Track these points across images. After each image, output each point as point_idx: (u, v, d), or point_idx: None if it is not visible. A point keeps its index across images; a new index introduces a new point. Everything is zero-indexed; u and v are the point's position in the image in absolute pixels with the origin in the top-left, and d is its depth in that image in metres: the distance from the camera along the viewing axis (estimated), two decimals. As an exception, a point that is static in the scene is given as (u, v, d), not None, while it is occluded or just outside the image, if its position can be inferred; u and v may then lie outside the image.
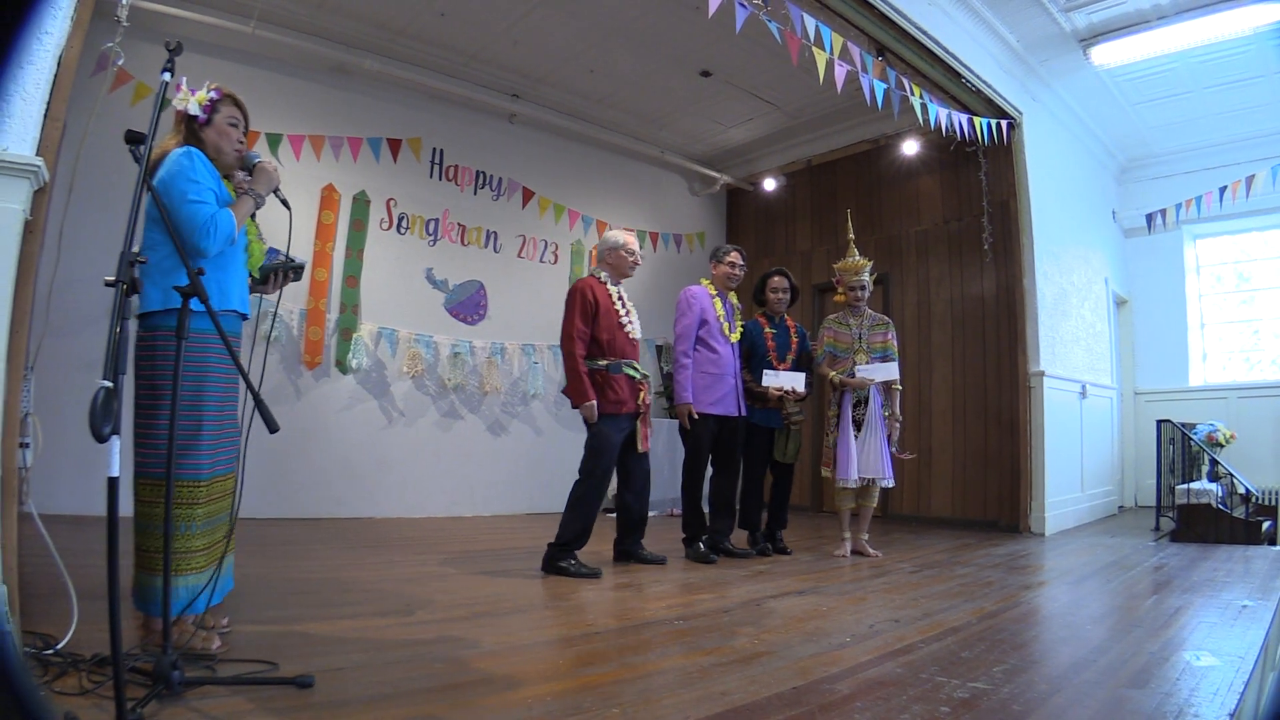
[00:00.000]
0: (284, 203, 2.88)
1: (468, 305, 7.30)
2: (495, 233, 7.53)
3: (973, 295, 7.51)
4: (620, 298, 4.56)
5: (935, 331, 7.74)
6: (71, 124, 3.08)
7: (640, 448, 4.47)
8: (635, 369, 4.51)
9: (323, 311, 6.40)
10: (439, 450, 6.99)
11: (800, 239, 9.10)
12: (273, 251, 2.97)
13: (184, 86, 2.72)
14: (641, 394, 4.49)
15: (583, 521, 4.31)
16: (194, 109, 2.69)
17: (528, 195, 7.80)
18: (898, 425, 5.22)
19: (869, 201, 8.48)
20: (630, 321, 4.55)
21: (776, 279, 5.43)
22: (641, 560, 4.64)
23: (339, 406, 6.45)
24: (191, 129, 2.71)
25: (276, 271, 2.90)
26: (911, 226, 8.10)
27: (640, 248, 4.88)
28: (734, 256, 5.17)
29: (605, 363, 4.40)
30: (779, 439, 5.25)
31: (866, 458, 5.08)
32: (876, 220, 8.38)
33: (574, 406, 4.35)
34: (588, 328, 4.38)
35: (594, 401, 4.30)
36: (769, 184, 9.20)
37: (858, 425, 5.14)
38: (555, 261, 8.00)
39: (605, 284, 4.55)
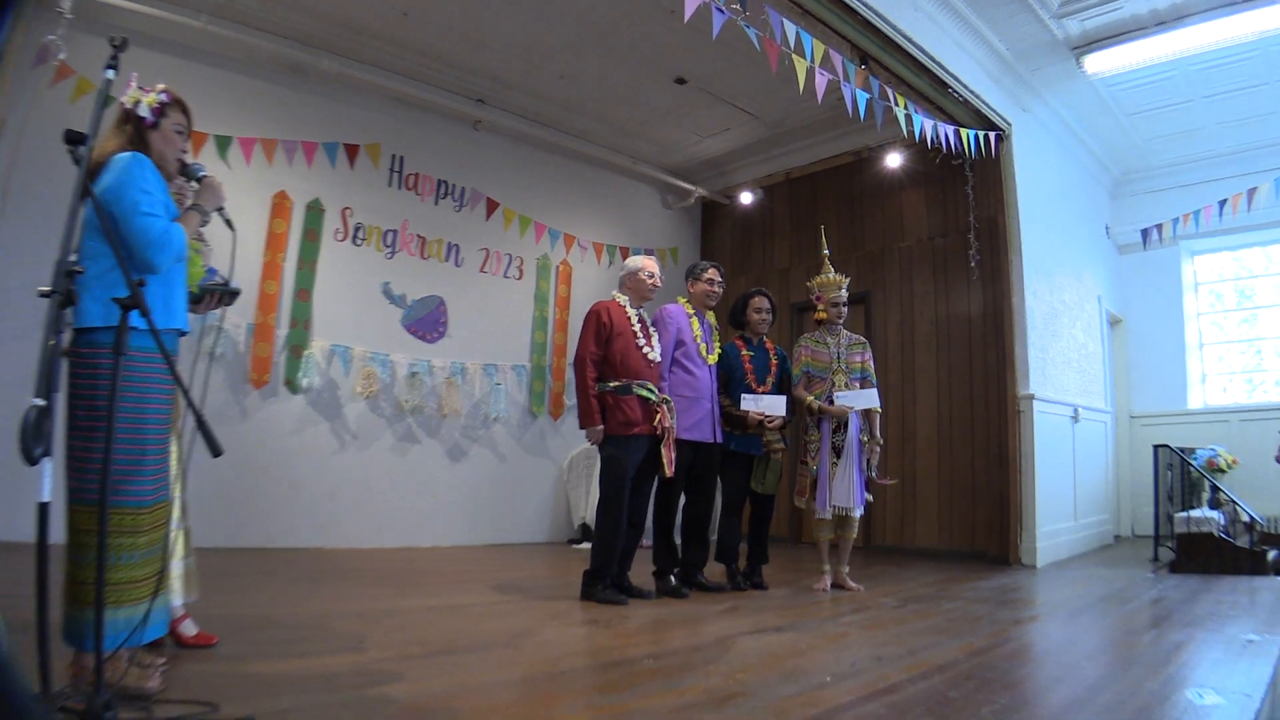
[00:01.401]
0: (228, 223, 2.88)
1: (427, 322, 7.29)
2: (457, 245, 7.55)
3: (959, 315, 7.61)
4: (640, 320, 4.81)
5: (919, 353, 7.84)
6: (9, 119, 3.06)
7: (667, 472, 4.62)
8: (650, 390, 4.67)
9: (272, 327, 6.37)
10: (394, 476, 6.96)
11: (779, 255, 9.19)
12: (211, 271, 2.98)
13: (134, 84, 2.72)
14: (658, 416, 4.62)
15: (605, 549, 4.52)
16: (144, 111, 2.68)
17: (492, 206, 7.83)
18: (878, 449, 5.29)
19: (851, 217, 8.59)
20: (649, 344, 4.76)
21: (758, 299, 5.49)
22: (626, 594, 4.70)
23: (288, 428, 6.42)
24: (139, 131, 2.70)
25: (212, 292, 2.92)
26: (895, 243, 8.21)
27: (662, 266, 5.04)
28: (712, 273, 5.23)
29: (616, 384, 4.59)
30: (758, 467, 5.27)
31: (840, 486, 5.13)
32: (858, 236, 8.49)
33: (581, 428, 4.58)
34: (600, 349, 4.62)
35: (599, 425, 4.53)
36: (746, 197, 9.30)
37: (836, 452, 5.19)
38: (520, 277, 8.02)
39: (624, 307, 4.79)
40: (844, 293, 5.46)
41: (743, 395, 5.21)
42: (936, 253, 7.89)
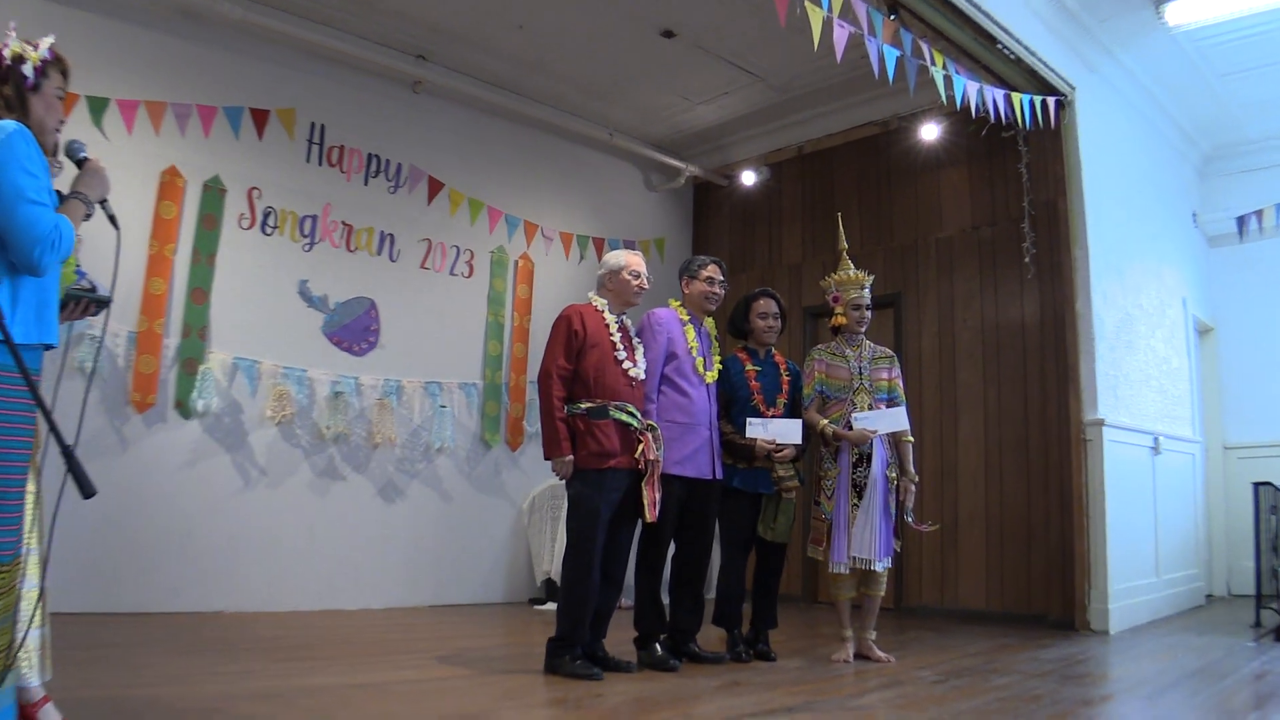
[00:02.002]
0: (112, 219, 2.84)
1: (354, 330, 7.28)
2: (391, 235, 7.56)
3: (1010, 322, 7.69)
4: (622, 329, 4.83)
5: (962, 369, 7.91)
6: None
7: (647, 517, 4.63)
8: (632, 414, 4.68)
9: (159, 335, 6.35)
10: (313, 521, 6.93)
11: (788, 248, 9.27)
12: (80, 272, 2.93)
13: (14, 34, 2.67)
14: (642, 446, 4.65)
15: (573, 609, 4.51)
16: (28, 70, 2.64)
17: (435, 187, 7.86)
18: (911, 488, 5.31)
19: (876, 201, 8.67)
20: (631, 359, 4.79)
21: (763, 302, 5.52)
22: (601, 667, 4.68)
23: (179, 462, 6.39)
24: (20, 94, 2.66)
25: (78, 299, 2.88)
26: (931, 234, 8.28)
27: (648, 266, 5.04)
28: (712, 270, 5.25)
29: (588, 405, 4.60)
30: (766, 509, 5.31)
31: (862, 533, 5.14)
32: (885, 225, 8.58)
33: (546, 458, 4.62)
34: (571, 363, 4.63)
35: (568, 456, 4.54)
36: (748, 177, 9.36)
37: (857, 490, 5.21)
38: (470, 274, 8.05)
39: (601, 313, 4.82)
40: (867, 293, 5.50)
41: (748, 420, 5.23)
42: (982, 245, 7.95)
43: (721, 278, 5.25)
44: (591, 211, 9.03)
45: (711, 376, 5.13)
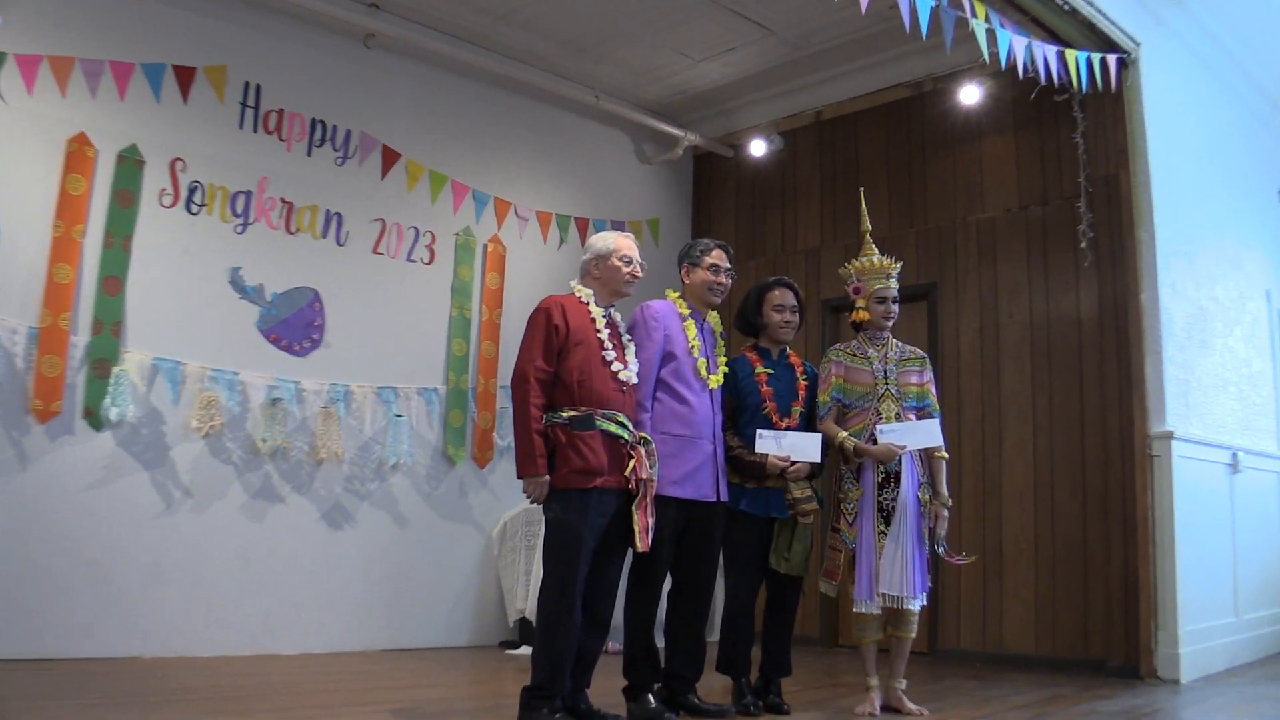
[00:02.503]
0: None
1: (295, 326, 7.28)
2: (339, 215, 7.56)
3: (1064, 317, 7.69)
4: (610, 325, 4.84)
5: (1007, 372, 7.92)
6: None
7: (639, 545, 4.62)
8: (621, 425, 4.66)
9: (65, 332, 6.32)
10: (247, 550, 6.92)
11: (804, 230, 9.28)
12: None
13: None
14: (633, 463, 4.64)
15: (551, 654, 4.48)
16: None
17: (390, 158, 7.85)
18: (945, 514, 5.32)
19: (907, 176, 8.69)
20: (622, 360, 4.79)
21: (779, 293, 5.52)
22: None
23: (88, 481, 6.36)
24: None
25: None
26: (971, 214, 8.30)
27: (641, 257, 5.03)
28: (717, 256, 5.25)
29: (571, 414, 4.58)
30: (779, 537, 5.29)
31: (890, 565, 5.12)
32: (917, 204, 8.60)
33: (519, 477, 4.56)
34: (550, 365, 4.61)
35: (544, 474, 4.51)
36: (757, 148, 9.36)
37: (884, 515, 5.20)
38: (431, 260, 8.05)
39: (586, 305, 4.81)
40: (894, 284, 5.49)
41: (758, 432, 5.21)
42: (1031, 228, 7.95)
43: (728, 265, 5.24)
44: (574, 187, 9.00)
45: (716, 381, 5.12)
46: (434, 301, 8.05)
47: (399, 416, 7.65)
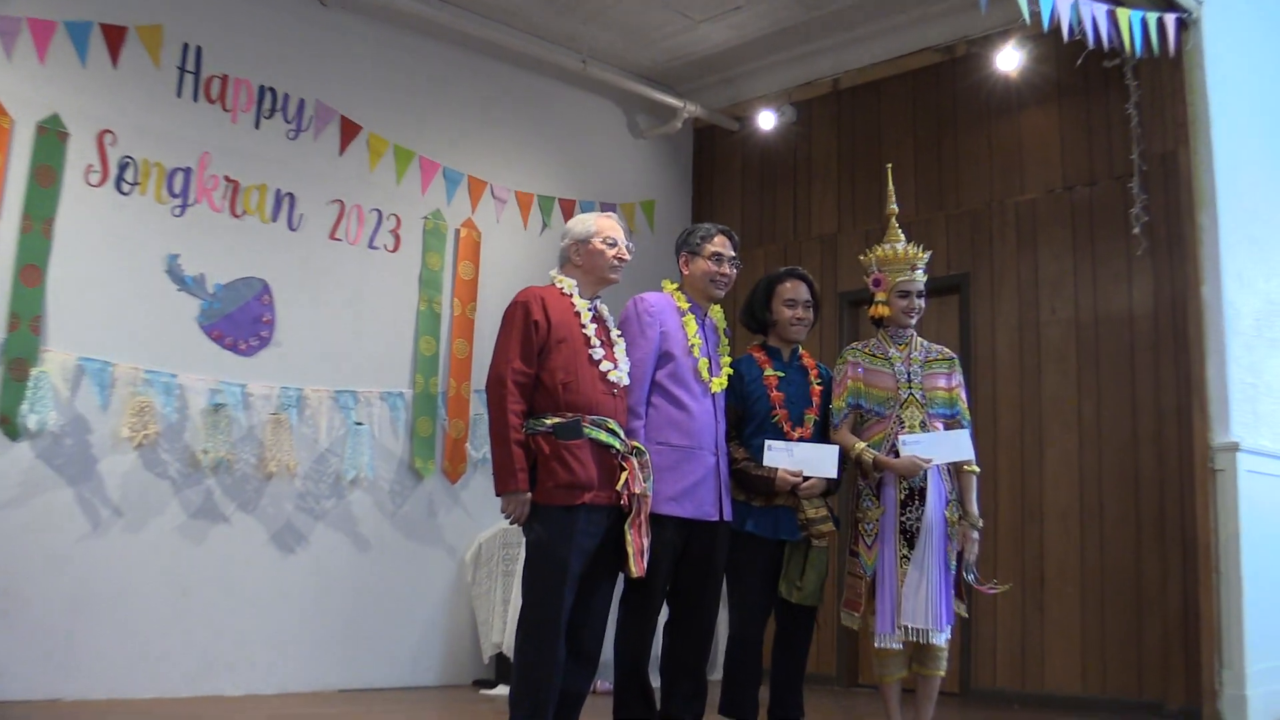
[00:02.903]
0: None
1: (240, 322, 7.25)
2: (291, 195, 7.52)
3: (1114, 313, 7.72)
4: (597, 319, 4.84)
5: (1049, 375, 7.92)
6: None
7: (633, 570, 4.59)
8: (612, 433, 4.66)
9: (-23, 328, 6.38)
10: (185, 577, 6.88)
11: (820, 214, 9.31)
12: None
13: None
14: (625, 476, 4.62)
15: (532, 695, 4.46)
16: None
17: (349, 132, 7.84)
18: (975, 535, 5.31)
19: (937, 152, 8.72)
20: (611, 358, 4.78)
21: (790, 285, 5.50)
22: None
23: (4, 498, 6.32)
24: None
25: None
26: (1009, 195, 8.31)
27: (631, 233, 5.04)
28: (720, 243, 5.25)
29: (554, 421, 4.57)
30: (790, 562, 5.27)
31: (914, 594, 5.10)
32: (949, 185, 8.62)
33: (497, 494, 4.54)
34: (531, 366, 4.59)
35: (525, 490, 4.48)
36: (767, 120, 9.35)
37: (908, 538, 5.19)
38: (396, 247, 8.03)
39: (569, 297, 4.81)
40: (920, 275, 5.47)
41: (767, 443, 5.20)
42: (1078, 212, 7.96)
43: (732, 253, 5.24)
44: (558, 165, 8.99)
45: (719, 384, 5.13)
46: (399, 294, 8.02)
47: (359, 425, 7.61)
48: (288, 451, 7.31)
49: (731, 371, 5.27)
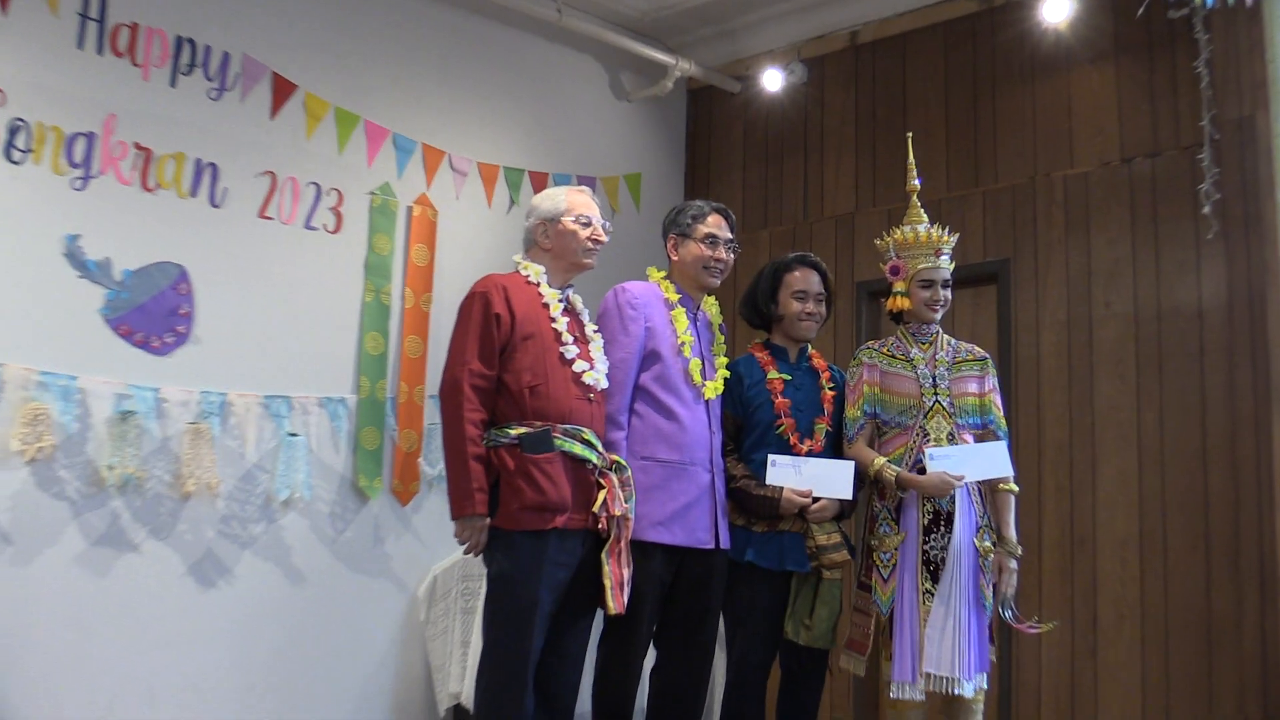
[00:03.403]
0: None
1: (153, 315, 7.17)
2: (214, 166, 7.41)
3: (1180, 307, 7.64)
4: (569, 311, 4.99)
5: (1103, 379, 7.87)
6: None
7: (611, 607, 4.65)
8: (589, 445, 4.72)
9: None
10: (86, 613, 6.82)
11: (835, 190, 9.30)
12: None
13: None
14: (603, 496, 4.68)
15: None
16: None
17: (283, 91, 7.76)
18: (1013, 566, 5.33)
19: (971, 118, 8.70)
20: (586, 357, 4.90)
21: (800, 274, 5.61)
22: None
23: None
24: None
25: None
26: (1056, 168, 8.26)
27: (613, 213, 5.07)
28: (715, 224, 5.31)
29: (521, 432, 4.64)
30: (798, 598, 5.39)
31: (939, 636, 5.11)
32: (985, 157, 8.59)
33: (452, 518, 4.63)
34: (492, 368, 4.68)
35: (483, 513, 4.55)
36: (772, 80, 9.35)
37: (932, 570, 5.21)
38: (337, 227, 7.95)
39: (536, 285, 4.92)
40: (945, 262, 5.53)
41: (770, 459, 5.28)
42: (1137, 187, 7.88)
43: (729, 235, 5.29)
44: (528, 132, 8.95)
45: (713, 389, 5.16)
46: (341, 282, 7.95)
47: (293, 436, 7.54)
48: (209, 467, 7.20)
49: (728, 374, 5.29)
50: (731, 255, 5.27)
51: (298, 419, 7.64)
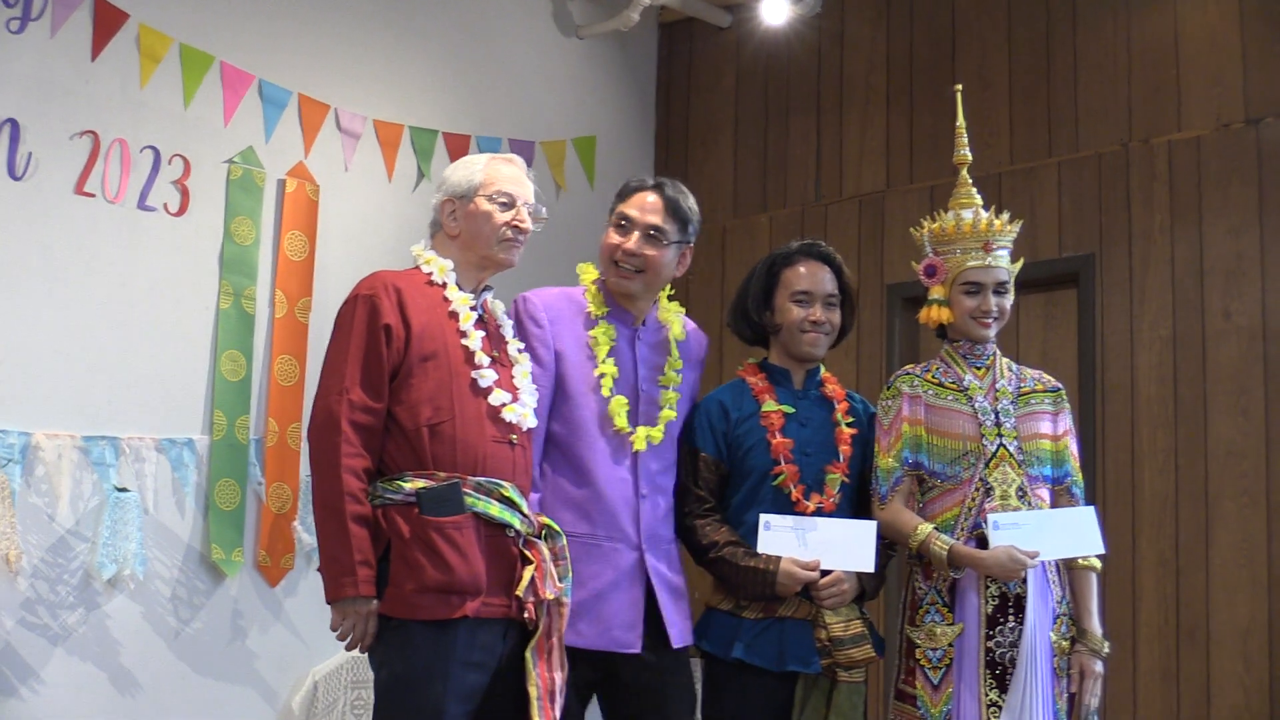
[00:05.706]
0: None
1: (-69, 328, 6.99)
2: (14, 123, 7.19)
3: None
4: (483, 322, 4.84)
5: (1219, 411, 7.69)
6: None
7: (537, 718, 4.46)
8: (509, 505, 4.61)
9: None
10: None
11: (859, 160, 9.25)
12: None
13: None
14: (530, 572, 4.58)
15: None
16: None
17: (110, 22, 7.49)
18: (1098, 670, 5.20)
19: (1044, 67, 8.61)
20: (508, 386, 4.81)
21: (805, 269, 5.30)
22: None
23: None
24: None
25: None
26: (1157, 132, 8.12)
27: (559, 190, 5.02)
28: (636, 202, 5.07)
29: (420, 486, 4.50)
30: (807, 708, 5.09)
31: None
32: (1062, 117, 8.47)
33: (328, 600, 4.45)
34: (380, 399, 4.56)
35: (366, 596, 4.38)
36: (774, 11, 9.09)
37: (997, 674, 5.02)
38: (183, 208, 7.73)
39: (441, 287, 4.83)
40: (1003, 259, 5.33)
41: (764, 518, 5.08)
42: (1266, 156, 7.71)
43: (654, 220, 5.08)
44: (446, 81, 8.87)
45: (649, 437, 5.02)
46: (188, 282, 7.62)
47: (122, 491, 7.31)
48: (5, 534, 7.05)
49: (674, 415, 5.18)
50: (655, 250, 5.00)
51: (128, 468, 7.38)
